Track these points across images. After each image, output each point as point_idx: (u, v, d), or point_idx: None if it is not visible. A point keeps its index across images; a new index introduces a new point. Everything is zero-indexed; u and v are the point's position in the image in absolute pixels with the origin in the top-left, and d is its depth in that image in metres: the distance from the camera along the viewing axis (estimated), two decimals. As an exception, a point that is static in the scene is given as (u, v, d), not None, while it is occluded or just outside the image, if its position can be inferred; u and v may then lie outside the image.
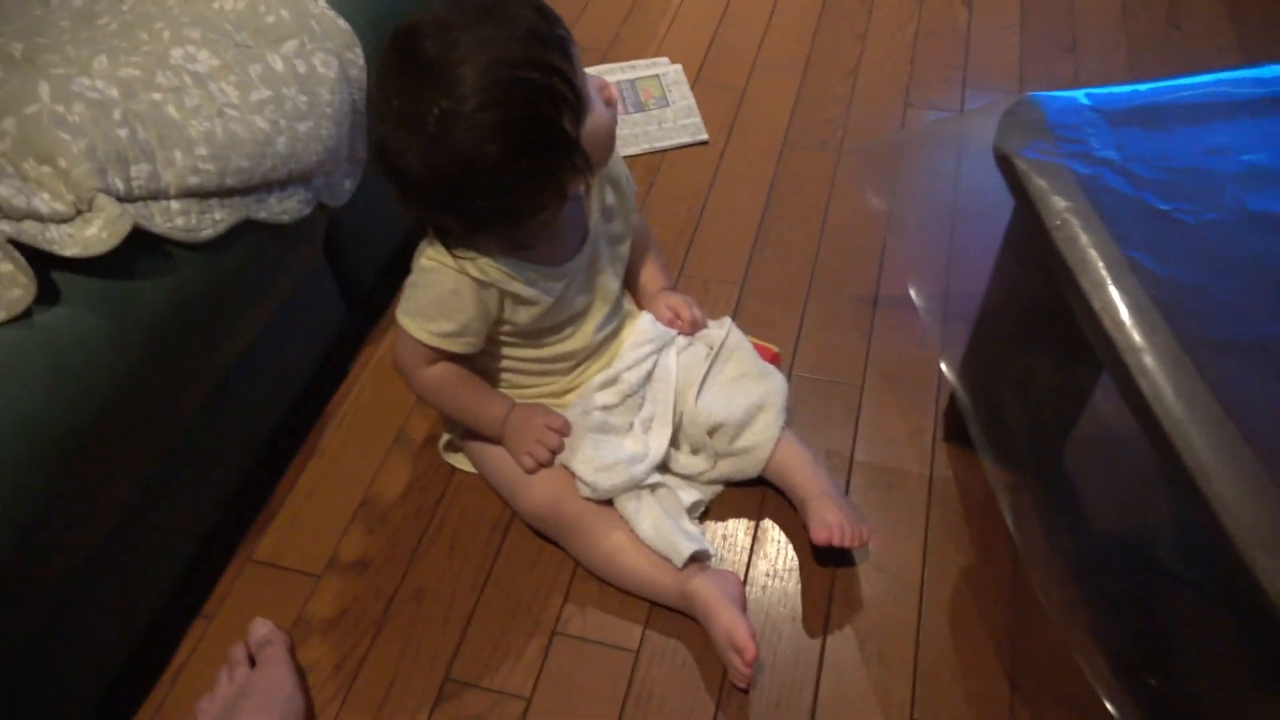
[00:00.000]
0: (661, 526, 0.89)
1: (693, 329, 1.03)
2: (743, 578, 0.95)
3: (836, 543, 0.90)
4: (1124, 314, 0.63)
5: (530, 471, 0.92)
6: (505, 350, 0.96)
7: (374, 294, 1.21)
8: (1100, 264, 0.66)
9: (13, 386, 0.69)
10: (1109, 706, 0.65)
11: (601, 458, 0.90)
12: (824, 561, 0.96)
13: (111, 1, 0.96)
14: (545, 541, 0.98)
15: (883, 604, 0.93)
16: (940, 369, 1.08)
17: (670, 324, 1.03)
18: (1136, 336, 0.62)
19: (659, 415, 0.98)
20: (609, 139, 0.85)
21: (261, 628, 0.90)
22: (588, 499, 0.91)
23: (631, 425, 0.97)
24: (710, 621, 0.86)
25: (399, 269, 0.97)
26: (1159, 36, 1.61)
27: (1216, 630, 0.65)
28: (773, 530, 1.00)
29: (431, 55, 0.76)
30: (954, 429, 1.04)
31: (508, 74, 0.75)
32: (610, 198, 0.97)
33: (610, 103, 0.85)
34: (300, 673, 0.89)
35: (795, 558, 0.97)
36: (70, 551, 0.76)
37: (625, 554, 0.90)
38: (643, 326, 1.01)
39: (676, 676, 0.89)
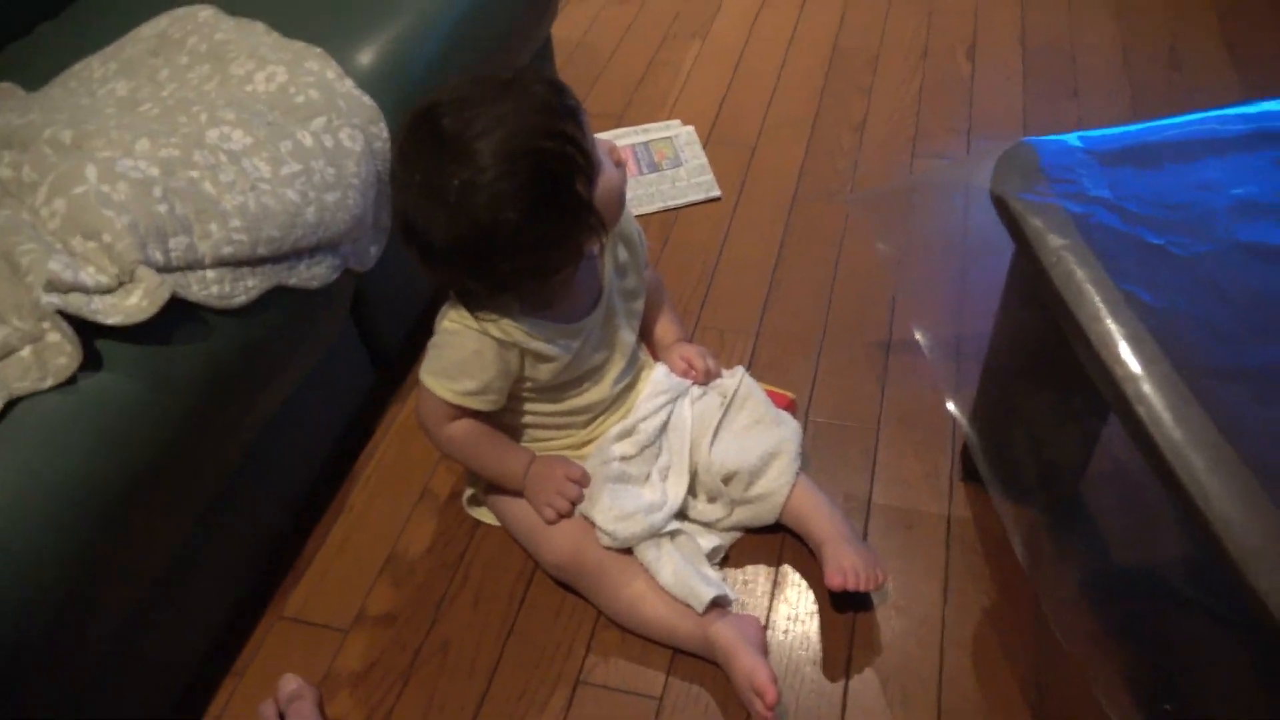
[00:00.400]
0: (681, 573, 0.90)
1: (706, 379, 1.05)
2: (764, 622, 0.96)
3: (852, 587, 0.91)
4: (1121, 345, 0.65)
5: (551, 522, 0.94)
6: (525, 405, 0.99)
7: (399, 356, 1.25)
8: (1096, 297, 0.68)
9: (60, 449, 0.72)
10: (1126, 735, 0.65)
11: (620, 507, 0.92)
12: (844, 606, 0.97)
13: (153, 89, 1.03)
14: (568, 592, 0.99)
15: (904, 646, 0.94)
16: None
17: (684, 374, 1.05)
18: (1134, 366, 0.64)
19: (675, 465, 1.00)
20: (619, 198, 0.89)
21: (291, 683, 0.92)
22: (608, 548, 0.93)
23: (649, 475, 0.99)
24: (731, 665, 0.87)
25: (423, 332, 1.01)
26: (1161, 79, 1.64)
27: (1228, 653, 0.65)
28: (792, 575, 1.00)
29: (450, 131, 0.81)
30: (972, 469, 1.05)
31: (523, 144, 0.80)
32: (623, 254, 1.00)
33: (619, 164, 0.89)
34: (331, 726, 0.90)
35: (816, 602, 0.98)
36: (114, 609, 0.79)
37: (646, 602, 0.91)
38: (657, 378, 1.04)
39: (701, 722, 0.89)
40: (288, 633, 0.99)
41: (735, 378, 1.05)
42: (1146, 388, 0.62)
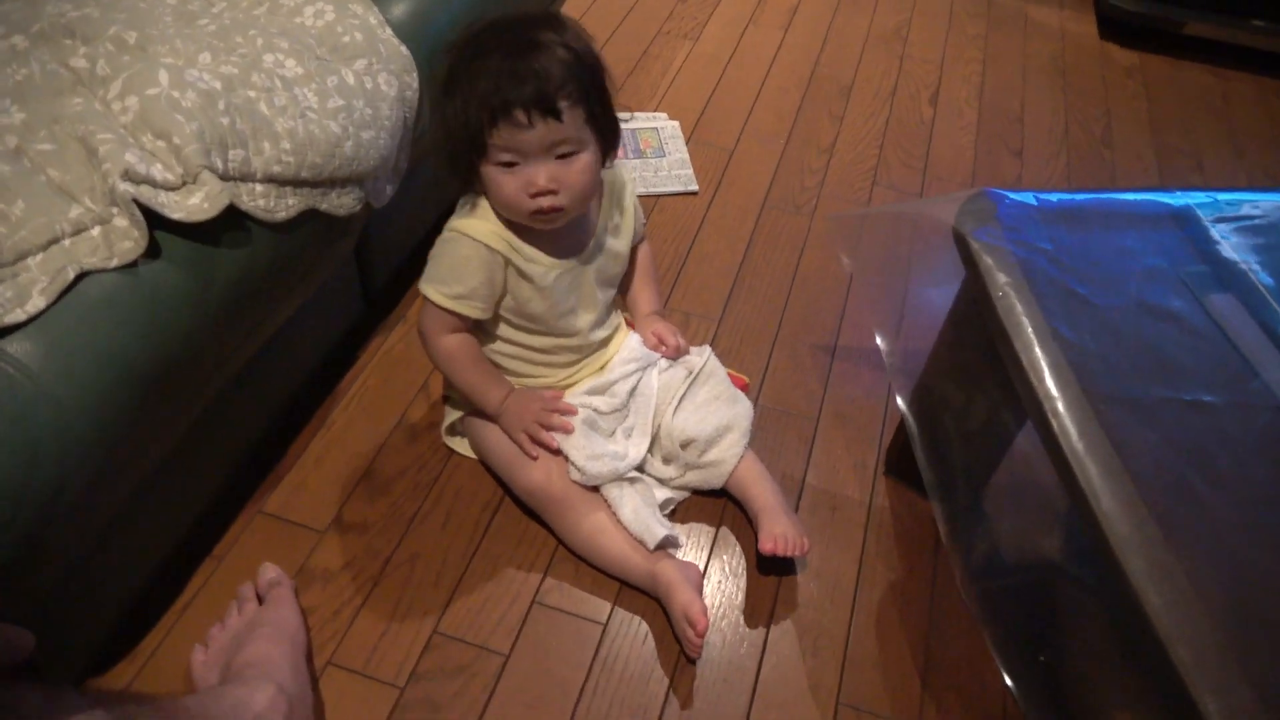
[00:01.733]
0: (640, 512, 1.02)
1: (675, 354, 1.17)
2: (701, 575, 1.09)
3: (781, 552, 1.04)
4: (1045, 369, 0.80)
5: (527, 449, 1.05)
6: (509, 334, 1.08)
7: (388, 292, 1.33)
8: (1029, 329, 0.83)
9: (115, 324, 0.79)
10: (1006, 679, 0.80)
11: (592, 447, 1.04)
12: (770, 569, 1.10)
13: (204, 5, 1.08)
14: (531, 521, 1.10)
15: (820, 605, 1.08)
16: (884, 413, 1.25)
17: (654, 348, 1.17)
18: (1052, 388, 0.78)
19: (639, 426, 1.11)
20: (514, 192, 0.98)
21: (270, 570, 1.01)
22: (576, 482, 1.04)
23: (614, 432, 1.10)
24: (670, 599, 0.99)
25: (411, 272, 1.11)
26: (1094, 152, 1.84)
27: (1092, 616, 0.80)
28: (730, 536, 1.13)
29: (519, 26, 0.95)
30: (894, 465, 1.20)
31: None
32: (615, 218, 1.11)
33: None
34: (303, 612, 0.99)
35: (746, 562, 1.11)
36: (134, 475, 0.86)
37: (605, 534, 1.03)
38: (631, 345, 1.15)
39: (638, 649, 1.01)
40: (266, 527, 1.07)
41: (703, 356, 1.17)
42: (1060, 405, 0.77)
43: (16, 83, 0.86)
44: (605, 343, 1.14)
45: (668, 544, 1.03)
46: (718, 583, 1.09)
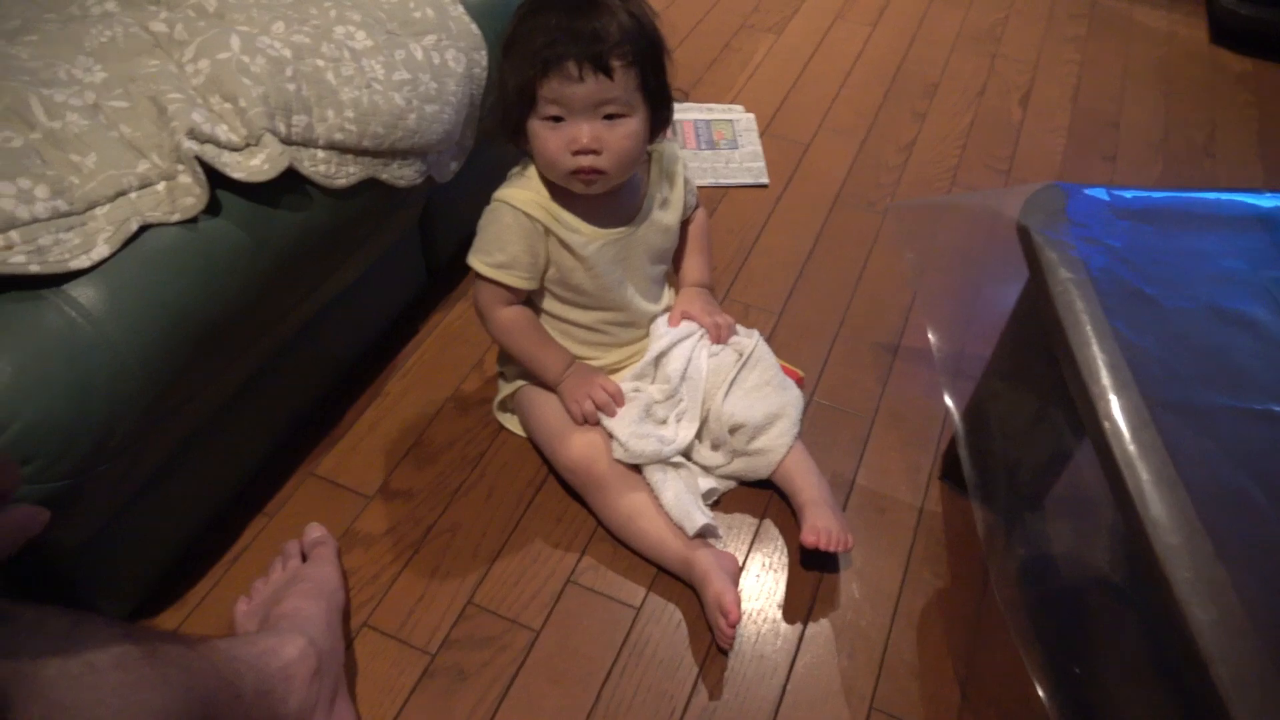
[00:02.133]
0: (682, 499, 1.01)
1: (714, 334, 1.13)
2: (741, 564, 1.07)
3: (824, 546, 1.02)
4: (1101, 369, 0.76)
5: (578, 420, 1.04)
6: (557, 308, 1.08)
7: (450, 267, 1.35)
8: (1088, 326, 0.79)
9: (174, 276, 0.83)
10: (1039, 690, 0.76)
11: (640, 427, 1.03)
12: (812, 564, 1.08)
13: (286, -24, 1.12)
14: (572, 501, 1.10)
15: (859, 607, 1.05)
16: (943, 415, 1.21)
17: (673, 325, 1.12)
18: (1108, 387, 0.74)
19: (689, 410, 1.10)
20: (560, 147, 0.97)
21: (316, 530, 1.03)
22: (619, 460, 1.03)
23: (666, 420, 1.09)
24: (704, 587, 0.98)
25: None
26: (1193, 161, 1.75)
27: (1129, 629, 0.76)
28: (772, 529, 1.11)
29: None
30: (950, 469, 1.16)
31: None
32: (665, 190, 1.09)
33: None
34: (343, 573, 1.01)
35: (788, 556, 1.09)
36: (184, 423, 0.89)
37: (643, 517, 1.02)
38: (658, 328, 1.12)
39: (669, 636, 1.00)
40: (316, 488, 1.10)
41: (752, 339, 1.15)
42: (1114, 407, 0.73)
43: (101, 44, 0.90)
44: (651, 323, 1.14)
45: (706, 533, 1.02)
46: (756, 575, 1.07)
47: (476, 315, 1.09)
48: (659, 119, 1.01)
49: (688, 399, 1.10)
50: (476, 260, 1.03)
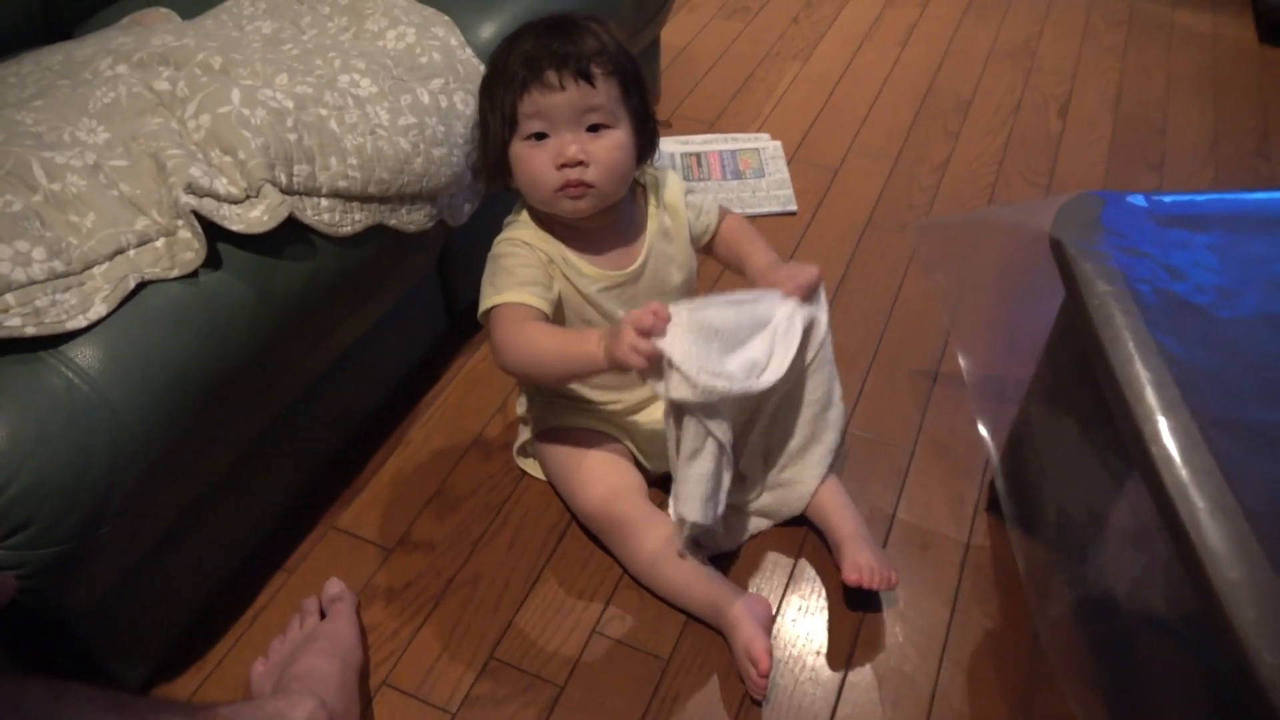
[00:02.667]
0: (710, 481, 0.89)
1: (811, 285, 0.96)
2: (775, 610, 1.01)
3: (865, 584, 0.96)
4: (1145, 387, 0.70)
5: (641, 369, 0.85)
6: None
7: (471, 311, 1.33)
8: (1130, 343, 0.73)
9: (172, 332, 0.81)
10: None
11: (706, 360, 0.84)
12: (854, 604, 1.02)
13: (295, 32, 1.13)
14: (597, 546, 1.06)
15: (904, 652, 0.98)
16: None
17: (792, 293, 0.95)
18: (1154, 407, 0.68)
19: (775, 361, 0.90)
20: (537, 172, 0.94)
21: (334, 586, 1.00)
22: (677, 400, 0.85)
23: (733, 352, 0.89)
24: (734, 635, 0.93)
25: None
26: (1246, 165, 1.66)
27: (1188, 673, 0.69)
28: (808, 570, 1.06)
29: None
30: (997, 501, 1.09)
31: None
32: (665, 221, 1.04)
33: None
34: (363, 630, 0.98)
35: (826, 598, 1.03)
36: (191, 483, 0.88)
37: (667, 562, 0.97)
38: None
39: (700, 688, 0.95)
40: (337, 542, 1.08)
41: (824, 310, 0.98)
42: (1162, 428, 0.67)
43: (105, 105, 0.91)
44: None
45: (700, 538, 0.98)
46: (792, 620, 1.01)
47: (495, 360, 1.04)
48: (645, 140, 0.98)
49: (777, 352, 0.91)
50: (488, 300, 0.98)
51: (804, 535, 1.08)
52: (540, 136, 0.93)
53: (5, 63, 1.08)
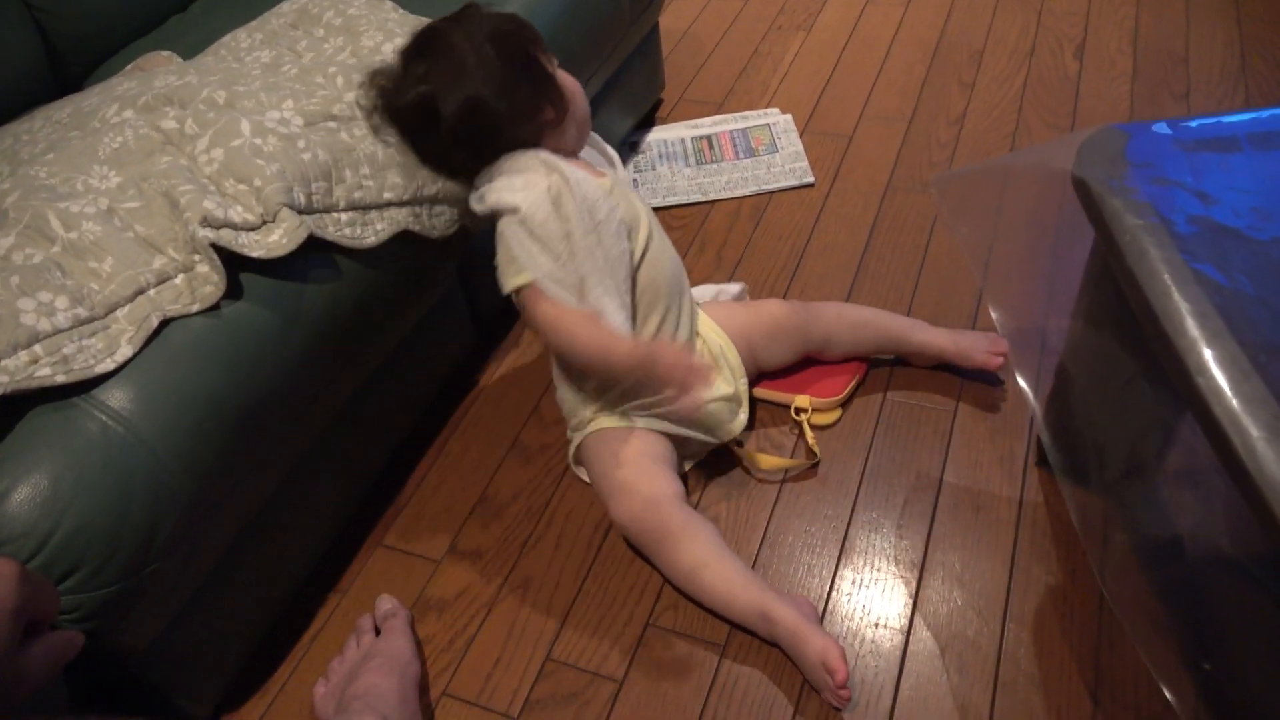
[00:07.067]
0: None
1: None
2: (829, 585, 1.00)
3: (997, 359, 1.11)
4: (1186, 319, 0.67)
5: (686, 371, 0.92)
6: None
7: (498, 320, 1.33)
8: (1166, 275, 0.70)
9: (199, 366, 0.82)
10: (1166, 692, 0.66)
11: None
12: (907, 571, 1.00)
13: (293, 58, 1.13)
14: (643, 541, 1.05)
15: (965, 617, 0.96)
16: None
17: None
18: (1197, 338, 0.65)
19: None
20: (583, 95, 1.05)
21: (387, 602, 1.01)
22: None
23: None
24: (801, 647, 0.89)
25: None
26: None
27: (1263, 616, 0.66)
28: (859, 542, 1.04)
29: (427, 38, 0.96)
30: (1047, 455, 1.06)
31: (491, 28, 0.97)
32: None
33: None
34: (418, 643, 0.98)
35: (879, 568, 1.01)
36: (234, 513, 0.88)
37: (707, 569, 0.95)
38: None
39: (759, 671, 0.94)
40: (387, 559, 1.08)
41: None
42: (1208, 359, 0.64)
43: (114, 150, 0.92)
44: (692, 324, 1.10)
45: None
46: (847, 594, 0.99)
47: (544, 339, 1.02)
48: None
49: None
50: (519, 277, 0.96)
51: (852, 504, 1.06)
52: None
53: (17, 121, 1.10)
